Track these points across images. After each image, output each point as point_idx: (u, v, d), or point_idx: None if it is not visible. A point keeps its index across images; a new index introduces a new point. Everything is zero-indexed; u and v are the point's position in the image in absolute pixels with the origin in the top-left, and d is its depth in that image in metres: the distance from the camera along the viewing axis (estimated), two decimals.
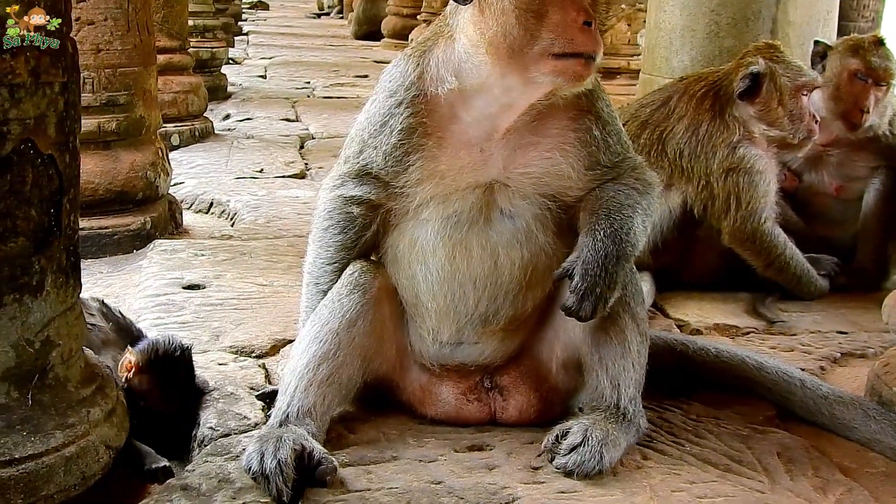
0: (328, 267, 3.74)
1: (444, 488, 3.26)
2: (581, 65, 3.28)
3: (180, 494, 3.14)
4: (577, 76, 3.30)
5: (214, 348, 4.37)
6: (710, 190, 5.27)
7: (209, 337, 4.49)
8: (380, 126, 3.55)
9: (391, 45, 19.34)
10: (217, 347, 4.38)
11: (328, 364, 3.54)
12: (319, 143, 9.73)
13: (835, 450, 3.73)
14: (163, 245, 5.95)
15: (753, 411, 3.96)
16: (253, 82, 13.98)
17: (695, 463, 3.51)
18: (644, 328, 3.67)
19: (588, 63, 3.28)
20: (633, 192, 3.59)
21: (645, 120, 5.42)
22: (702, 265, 5.51)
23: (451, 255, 3.59)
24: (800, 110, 5.27)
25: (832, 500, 3.32)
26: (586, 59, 3.27)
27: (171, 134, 8.96)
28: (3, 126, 2.79)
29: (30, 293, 2.93)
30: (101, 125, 6.04)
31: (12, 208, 2.84)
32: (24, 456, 2.88)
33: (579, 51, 3.26)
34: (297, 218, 6.75)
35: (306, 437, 3.34)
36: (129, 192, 6.14)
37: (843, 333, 4.95)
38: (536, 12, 3.25)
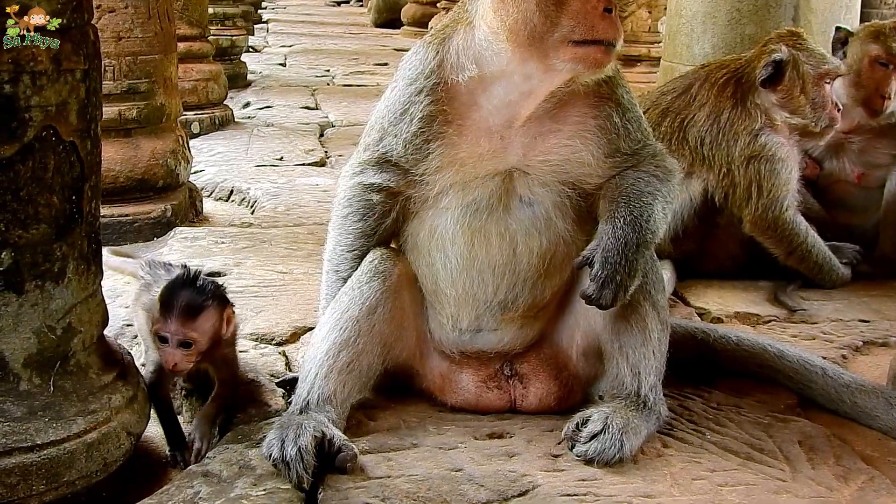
0: (348, 254, 3.74)
1: (464, 475, 3.26)
2: (601, 52, 3.27)
3: (201, 481, 3.15)
4: (597, 63, 3.30)
5: None
6: (732, 178, 5.25)
7: None
8: (400, 114, 3.55)
9: (411, 32, 19.30)
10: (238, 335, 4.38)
11: (348, 351, 3.54)
12: (339, 131, 9.73)
13: (856, 438, 3.71)
14: (183, 232, 5.97)
15: (774, 400, 3.94)
16: (273, 70, 13.99)
17: (716, 451, 3.50)
18: (665, 316, 3.66)
19: (608, 50, 3.27)
20: (654, 180, 3.58)
21: (666, 108, 5.39)
22: (723, 253, 5.49)
23: (469, 242, 3.59)
24: (822, 98, 5.24)
25: (854, 489, 3.31)
26: (606, 45, 3.26)
27: (192, 122, 8.97)
28: (25, 113, 2.80)
29: (51, 280, 2.94)
30: (121, 113, 6.06)
31: (34, 195, 2.86)
32: (46, 442, 2.90)
33: (599, 38, 3.25)
34: (316, 206, 6.75)
35: (326, 424, 3.34)
36: (150, 179, 6.16)
37: (864, 322, 4.92)
38: (556, 0, 3.25)
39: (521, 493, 3.17)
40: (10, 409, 2.88)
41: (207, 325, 3.50)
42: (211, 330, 3.51)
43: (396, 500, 3.10)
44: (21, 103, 2.79)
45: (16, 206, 2.82)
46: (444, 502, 3.11)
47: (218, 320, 3.54)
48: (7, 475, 2.82)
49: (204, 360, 3.58)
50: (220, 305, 3.56)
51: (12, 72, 2.77)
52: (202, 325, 3.47)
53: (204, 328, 3.48)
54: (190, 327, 3.44)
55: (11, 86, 2.77)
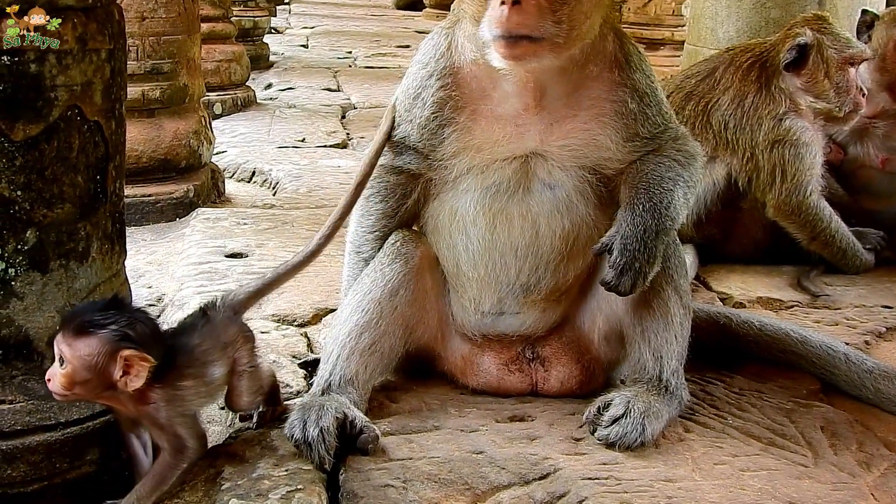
0: (370, 235, 3.75)
1: (485, 458, 3.25)
2: (510, 45, 3.27)
3: (224, 460, 3.16)
4: (513, 56, 3.30)
5: (257, 317, 4.37)
6: (756, 162, 5.23)
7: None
8: (413, 98, 3.58)
9: (433, 14, 19.27)
10: (260, 316, 4.38)
11: (370, 333, 3.55)
12: (361, 113, 9.73)
13: (879, 424, 3.70)
14: (205, 213, 5.98)
15: (797, 385, 3.93)
16: (295, 52, 13.99)
17: (737, 436, 3.49)
18: (687, 301, 3.66)
19: (514, 43, 3.26)
20: (675, 164, 3.57)
21: (690, 91, 5.37)
22: (745, 238, 5.47)
23: (491, 224, 3.59)
24: (846, 83, 5.22)
25: (876, 475, 3.30)
26: (515, 38, 3.25)
27: (214, 102, 8.99)
28: (50, 92, 2.80)
29: (76, 259, 2.95)
30: (145, 93, 6.08)
31: (59, 174, 2.86)
32: (70, 420, 2.92)
33: (502, 33, 3.25)
34: (338, 187, 6.74)
35: (348, 406, 3.35)
36: (173, 160, 6.18)
37: (888, 308, 4.89)
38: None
39: (542, 476, 3.17)
40: (34, 387, 2.90)
41: (85, 351, 2.80)
42: (89, 361, 2.80)
43: (418, 481, 3.10)
44: (47, 82, 2.80)
45: (41, 185, 2.83)
46: (465, 484, 3.11)
47: (104, 356, 2.81)
48: (31, 453, 2.85)
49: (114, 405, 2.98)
50: (115, 342, 2.82)
51: (38, 51, 2.77)
52: (78, 347, 2.80)
53: (79, 352, 2.80)
54: (65, 342, 2.81)
55: (37, 65, 2.77)
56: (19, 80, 2.75)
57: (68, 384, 2.80)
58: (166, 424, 2.95)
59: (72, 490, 2.94)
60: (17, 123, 2.76)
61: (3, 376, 2.85)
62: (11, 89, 2.74)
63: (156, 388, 2.90)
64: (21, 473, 2.84)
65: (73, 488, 2.93)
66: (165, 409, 2.94)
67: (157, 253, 5.45)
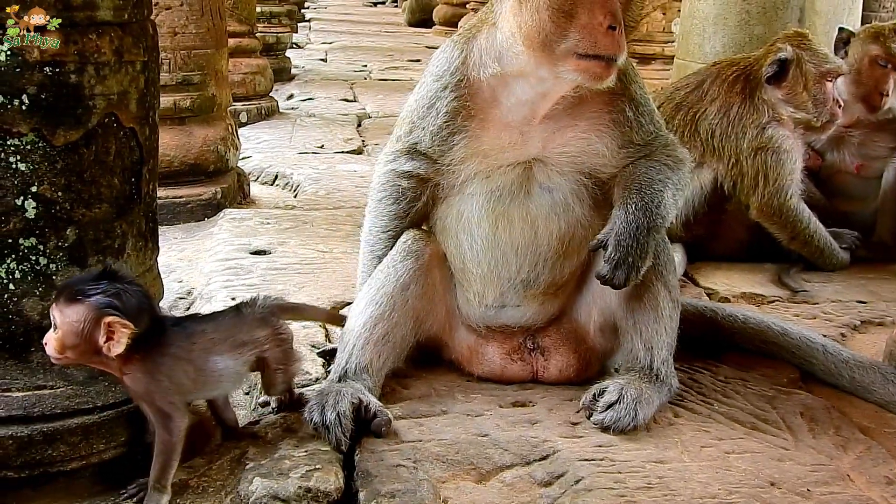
0: (382, 234, 3.75)
1: (489, 440, 3.25)
2: (601, 67, 3.24)
3: (248, 441, 3.16)
4: (597, 76, 3.27)
5: None
6: (740, 168, 5.22)
7: None
8: (426, 108, 3.56)
9: (441, 31, 19.22)
10: None
11: (383, 324, 3.55)
12: (375, 122, 9.71)
13: (855, 411, 3.69)
14: (232, 214, 5.97)
15: (778, 374, 3.92)
16: (315, 65, 13.97)
17: (723, 421, 3.48)
18: (676, 295, 3.65)
19: (609, 65, 3.24)
20: (665, 168, 3.57)
21: (679, 102, 5.36)
22: (730, 238, 5.46)
23: (494, 225, 3.59)
24: (824, 95, 5.21)
25: (852, 458, 3.29)
26: (608, 61, 3.23)
27: (240, 112, 8.96)
28: (89, 101, 2.80)
29: (112, 255, 2.94)
30: (176, 103, 6.07)
31: (97, 176, 2.86)
32: (107, 404, 2.91)
33: (601, 53, 3.22)
34: (354, 190, 6.73)
35: (363, 392, 3.35)
36: (202, 164, 6.17)
37: (862, 303, 4.88)
38: (567, 12, 3.22)
39: (542, 458, 3.17)
40: (73, 373, 2.89)
41: (73, 317, 2.76)
42: (77, 327, 2.76)
43: (427, 462, 3.10)
44: (86, 91, 2.79)
45: (80, 186, 2.82)
46: (471, 465, 3.10)
47: (90, 322, 2.76)
48: (70, 434, 2.84)
49: (108, 371, 2.91)
50: (99, 309, 2.76)
51: (78, 62, 2.76)
52: (68, 314, 2.75)
53: (68, 318, 2.76)
54: (57, 308, 2.77)
55: (77, 75, 2.76)
56: (60, 89, 2.74)
57: (60, 348, 2.77)
58: (144, 395, 2.88)
59: (106, 469, 2.93)
60: (59, 129, 2.76)
61: (45, 363, 2.84)
62: (53, 98, 2.73)
63: (135, 358, 2.84)
64: (61, 453, 2.83)
65: (107, 467, 2.93)
66: (143, 379, 2.87)
67: (187, 250, 5.45)
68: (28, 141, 2.73)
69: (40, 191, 2.77)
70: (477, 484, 3.03)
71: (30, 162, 2.74)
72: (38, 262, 2.81)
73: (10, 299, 2.81)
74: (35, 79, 2.71)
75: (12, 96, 2.69)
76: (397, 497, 2.90)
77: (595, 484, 3.01)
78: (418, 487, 2.95)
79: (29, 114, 2.71)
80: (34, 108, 2.72)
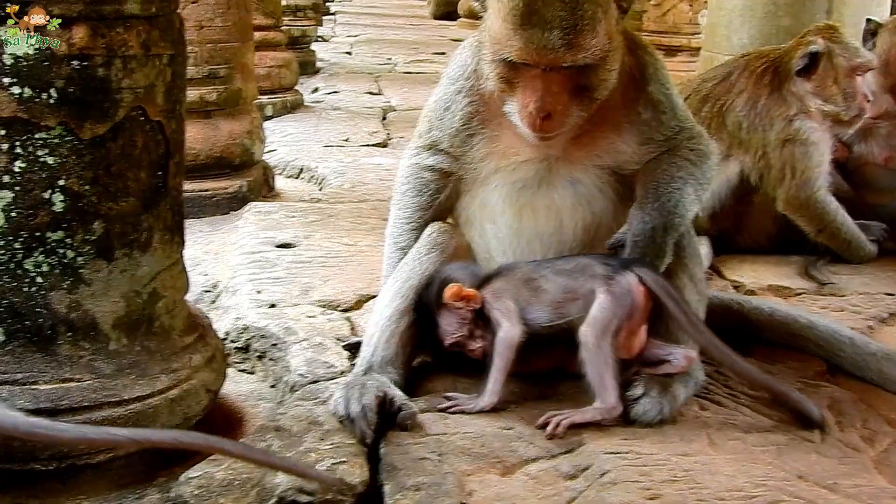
0: (407, 226, 3.76)
1: (514, 433, 3.25)
2: (537, 139, 3.36)
3: (274, 434, 3.16)
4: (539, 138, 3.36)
5: (304, 302, 4.39)
6: (767, 160, 5.19)
7: (299, 291, 4.51)
8: (443, 110, 3.61)
9: (466, 24, 19.17)
10: (306, 301, 4.40)
11: (409, 317, 3.55)
12: (400, 115, 9.70)
13: (882, 403, 3.66)
14: (257, 207, 5.98)
15: (805, 367, 3.90)
16: (339, 58, 13.98)
17: (749, 414, 3.47)
18: (702, 288, 3.65)
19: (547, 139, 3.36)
20: (687, 164, 3.57)
21: (706, 94, 5.34)
22: (757, 230, 5.44)
23: (518, 214, 3.59)
24: (853, 89, 5.19)
25: (879, 450, 3.27)
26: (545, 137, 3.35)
27: (265, 105, 8.98)
28: (116, 94, 2.81)
29: (139, 248, 2.96)
30: (202, 96, 6.08)
31: (124, 170, 2.87)
32: (133, 397, 2.92)
33: (533, 133, 3.32)
34: (379, 183, 6.73)
35: (388, 385, 3.35)
36: (228, 157, 6.18)
37: (890, 295, 4.83)
38: (508, 81, 3.33)
39: (567, 451, 3.16)
40: (100, 366, 2.90)
41: None
42: None
43: (452, 455, 3.10)
44: (113, 85, 2.80)
45: (107, 180, 2.84)
46: (496, 458, 3.10)
47: None
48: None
49: None
50: None
51: (105, 56, 2.78)
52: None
53: None
54: None
55: (105, 69, 2.78)
56: (87, 82, 2.76)
57: None
58: None
59: (131, 461, 2.94)
60: (86, 123, 2.77)
61: (72, 356, 2.86)
62: (80, 91, 2.74)
63: None
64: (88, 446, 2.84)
65: (132, 459, 2.94)
66: None
67: (213, 243, 5.46)
68: (56, 134, 2.74)
69: (68, 184, 2.78)
70: (502, 477, 3.02)
71: (57, 155, 2.75)
72: (65, 256, 2.82)
73: (37, 292, 2.81)
74: (63, 72, 2.72)
75: (40, 90, 2.70)
76: (423, 490, 2.90)
77: (620, 477, 2.99)
78: (444, 480, 2.95)
79: (56, 107, 2.73)
80: (62, 101, 2.73)
